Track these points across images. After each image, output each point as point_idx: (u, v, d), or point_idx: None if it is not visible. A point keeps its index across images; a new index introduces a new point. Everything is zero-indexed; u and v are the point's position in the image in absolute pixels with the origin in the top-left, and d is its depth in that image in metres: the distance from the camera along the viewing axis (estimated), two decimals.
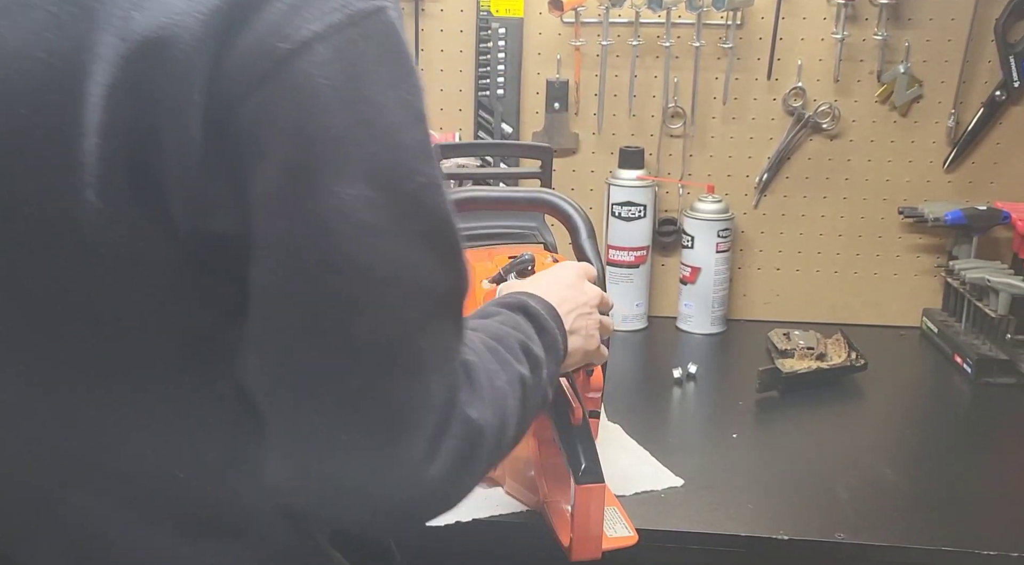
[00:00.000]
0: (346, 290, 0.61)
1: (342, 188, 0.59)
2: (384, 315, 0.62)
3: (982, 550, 1.01)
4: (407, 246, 0.62)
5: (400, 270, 0.62)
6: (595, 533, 0.96)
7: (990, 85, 1.60)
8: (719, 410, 1.38)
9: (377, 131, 0.61)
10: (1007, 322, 1.47)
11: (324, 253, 0.60)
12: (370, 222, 0.60)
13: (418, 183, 0.62)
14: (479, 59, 1.64)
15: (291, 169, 0.59)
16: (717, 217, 1.61)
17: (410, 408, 0.63)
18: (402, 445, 0.63)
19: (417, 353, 0.63)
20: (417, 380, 0.63)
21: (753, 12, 1.60)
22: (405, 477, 0.63)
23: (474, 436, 0.67)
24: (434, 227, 0.64)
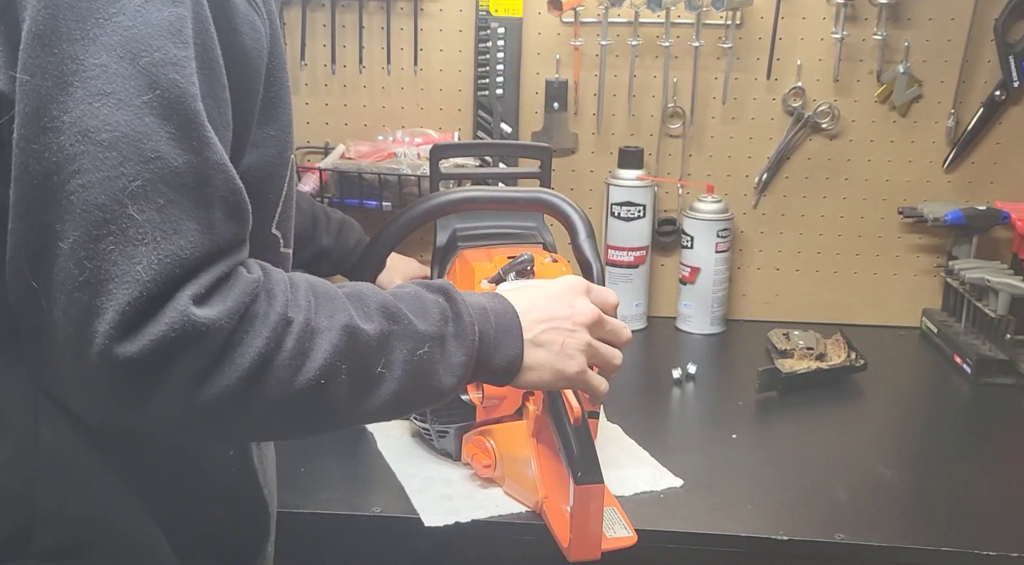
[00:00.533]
0: (69, 149, 0.64)
1: (85, 56, 0.64)
2: (99, 177, 0.64)
3: (981, 550, 1.01)
4: (133, 115, 0.64)
5: (122, 137, 0.64)
6: (594, 533, 0.96)
7: (990, 85, 1.60)
8: (718, 410, 1.38)
9: (126, 6, 0.65)
10: (1007, 322, 1.46)
11: (56, 111, 0.64)
12: (103, 89, 0.64)
13: (155, 58, 0.65)
14: (478, 59, 1.64)
15: (39, 34, 0.64)
16: (716, 217, 1.61)
17: (108, 275, 0.63)
18: (91, 310, 0.63)
19: (128, 221, 0.64)
20: (122, 250, 0.64)
21: (752, 12, 1.60)
22: (88, 343, 0.64)
23: (194, 333, 0.65)
24: (167, 102, 0.66)
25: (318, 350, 0.70)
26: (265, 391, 0.69)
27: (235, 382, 0.67)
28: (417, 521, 1.04)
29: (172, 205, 0.65)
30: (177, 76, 0.66)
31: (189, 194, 0.66)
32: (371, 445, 1.20)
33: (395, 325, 0.76)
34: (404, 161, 1.59)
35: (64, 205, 0.64)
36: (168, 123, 0.65)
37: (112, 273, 0.63)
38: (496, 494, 1.09)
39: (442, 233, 1.31)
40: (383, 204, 1.61)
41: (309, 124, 1.68)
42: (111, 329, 0.63)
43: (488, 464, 1.09)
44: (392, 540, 1.06)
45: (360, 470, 1.16)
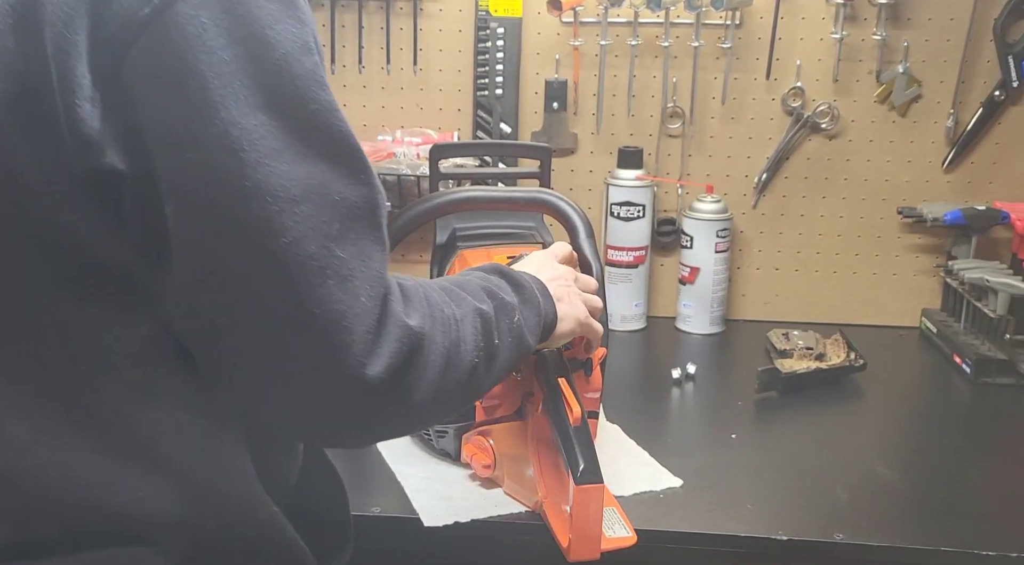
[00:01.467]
0: (261, 211, 0.65)
1: (243, 120, 0.64)
2: (303, 231, 0.66)
3: (981, 550, 1.01)
4: (311, 165, 0.67)
5: (309, 188, 0.66)
6: (594, 533, 0.96)
7: (989, 85, 1.60)
8: (718, 410, 1.38)
9: (268, 64, 0.65)
10: (1006, 322, 1.46)
11: (236, 182, 0.64)
12: (274, 147, 0.65)
13: (311, 109, 0.67)
14: (478, 59, 1.64)
15: (192, 108, 0.63)
16: (716, 217, 1.61)
17: (341, 314, 0.67)
18: (339, 348, 0.67)
19: (340, 263, 0.67)
20: (343, 288, 0.67)
21: (752, 12, 1.60)
22: (347, 378, 0.68)
23: (414, 341, 0.72)
24: (335, 146, 0.68)
25: (467, 335, 0.79)
26: (448, 380, 0.76)
27: (437, 377, 0.75)
28: (416, 521, 1.04)
29: (362, 237, 0.69)
30: (334, 120, 0.68)
31: (369, 222, 0.70)
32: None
33: (495, 301, 0.85)
34: (403, 161, 1.59)
35: (272, 264, 0.66)
36: (340, 165, 0.68)
37: (343, 312, 0.67)
38: (496, 494, 1.09)
39: (442, 233, 1.31)
40: None
41: None
42: (361, 359, 0.68)
43: (487, 464, 1.09)
44: (391, 540, 1.06)
45: (359, 470, 1.16)
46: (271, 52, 0.65)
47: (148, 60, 0.63)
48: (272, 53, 0.65)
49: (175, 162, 0.64)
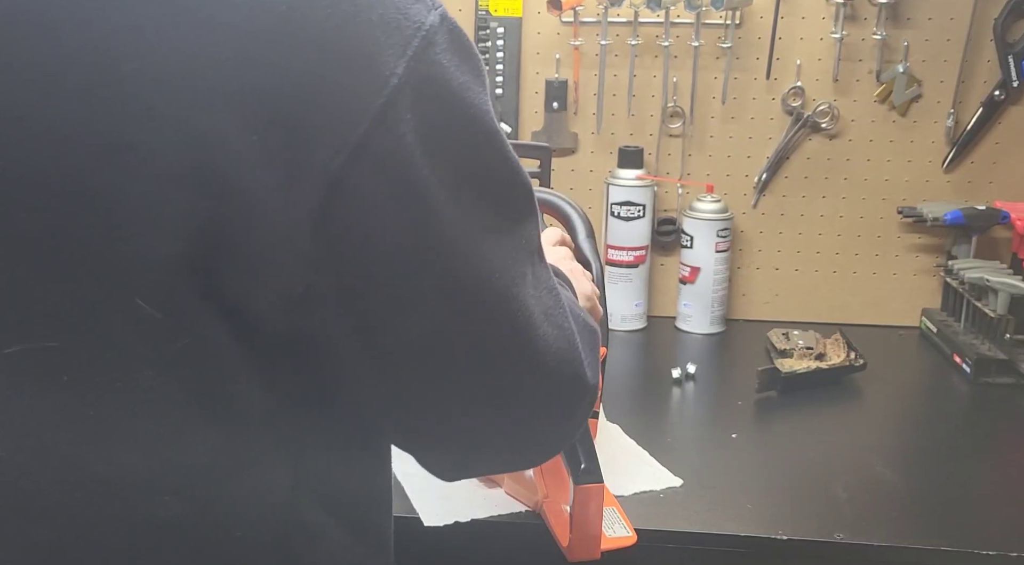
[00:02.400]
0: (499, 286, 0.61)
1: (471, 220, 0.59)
2: (518, 288, 0.63)
3: (981, 550, 1.01)
4: (512, 226, 0.63)
5: (513, 249, 0.63)
6: (594, 533, 0.96)
7: (989, 85, 1.60)
8: (718, 410, 1.38)
9: (480, 146, 0.60)
10: (1006, 322, 1.46)
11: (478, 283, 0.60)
12: (491, 223, 0.61)
13: (507, 176, 0.63)
14: None
15: (420, 224, 0.56)
16: (716, 217, 1.61)
17: (566, 343, 0.68)
18: (573, 377, 0.69)
19: (544, 300, 0.66)
20: (553, 321, 0.67)
21: (752, 12, 1.60)
22: (582, 396, 0.71)
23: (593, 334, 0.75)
24: (524, 202, 0.65)
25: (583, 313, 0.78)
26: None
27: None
28: (416, 521, 1.04)
29: (543, 266, 0.68)
30: (522, 178, 0.65)
31: (539, 244, 0.68)
32: None
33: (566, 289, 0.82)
34: None
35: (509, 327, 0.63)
36: (526, 210, 0.65)
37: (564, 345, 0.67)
38: (496, 494, 1.09)
39: None
40: None
41: None
42: (583, 371, 0.70)
43: None
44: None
45: None
46: (477, 133, 0.59)
47: (365, 184, 0.54)
48: (478, 134, 0.59)
49: (405, 282, 0.57)
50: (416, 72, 0.54)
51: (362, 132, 0.53)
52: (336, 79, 0.52)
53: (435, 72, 0.55)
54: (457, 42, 0.58)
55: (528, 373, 0.66)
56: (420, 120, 0.55)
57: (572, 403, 0.71)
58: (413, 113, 0.54)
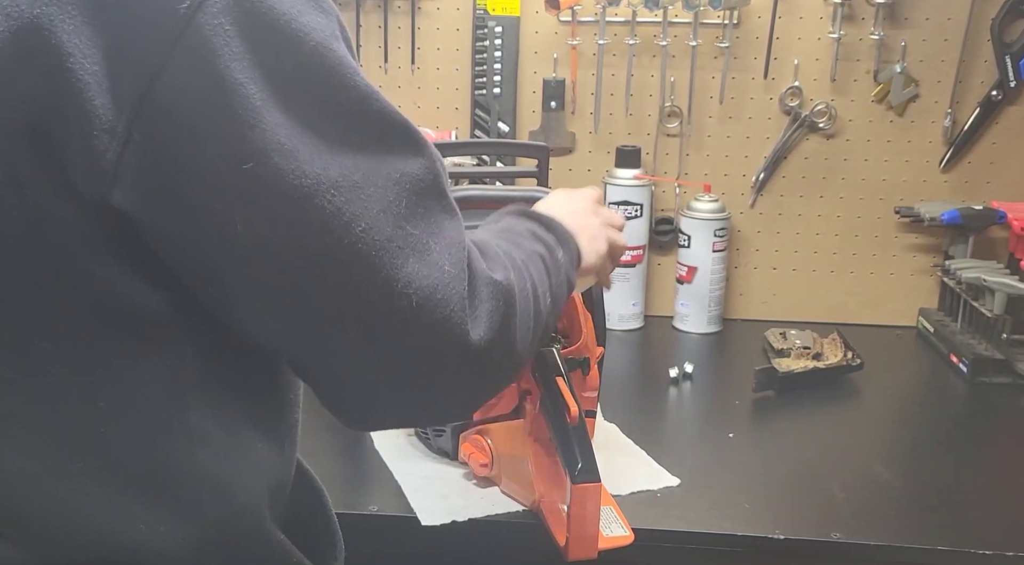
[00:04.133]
0: (332, 207, 0.63)
1: (289, 119, 0.62)
2: (374, 214, 0.65)
3: (977, 549, 1.01)
4: (365, 150, 0.65)
5: (368, 171, 0.65)
6: (591, 532, 0.96)
7: (986, 85, 1.60)
8: (715, 409, 1.38)
9: (302, 58, 0.63)
10: (1003, 322, 1.47)
11: (298, 182, 0.62)
12: (324, 140, 0.63)
13: (352, 96, 0.66)
14: (475, 58, 1.64)
15: (236, 120, 0.61)
16: (714, 216, 1.61)
17: (432, 288, 0.67)
18: (441, 322, 0.67)
19: (415, 239, 0.67)
20: (424, 262, 0.67)
21: (750, 11, 1.60)
22: (456, 348, 0.68)
23: (505, 296, 0.72)
24: (384, 126, 0.67)
25: (537, 278, 0.80)
26: (536, 324, 0.78)
27: (527, 324, 0.76)
28: (414, 520, 1.04)
29: (430, 208, 0.69)
30: (375, 101, 0.67)
31: (434, 191, 0.70)
32: (368, 444, 1.20)
33: (542, 243, 0.86)
34: None
35: (354, 256, 0.64)
36: (393, 142, 0.68)
37: (433, 285, 0.67)
38: (493, 493, 1.09)
39: None
40: None
41: None
42: (463, 327, 0.68)
43: (485, 463, 1.09)
44: (389, 539, 1.06)
45: (357, 469, 1.16)
46: (302, 46, 0.63)
47: (181, 82, 0.59)
48: (303, 46, 0.63)
49: (228, 181, 0.61)
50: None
51: (180, 29, 0.59)
52: None
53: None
54: None
55: (374, 306, 0.65)
56: (237, 25, 0.60)
57: (442, 355, 0.68)
58: (229, 18, 0.60)
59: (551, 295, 0.82)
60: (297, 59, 0.63)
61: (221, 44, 0.60)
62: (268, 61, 0.61)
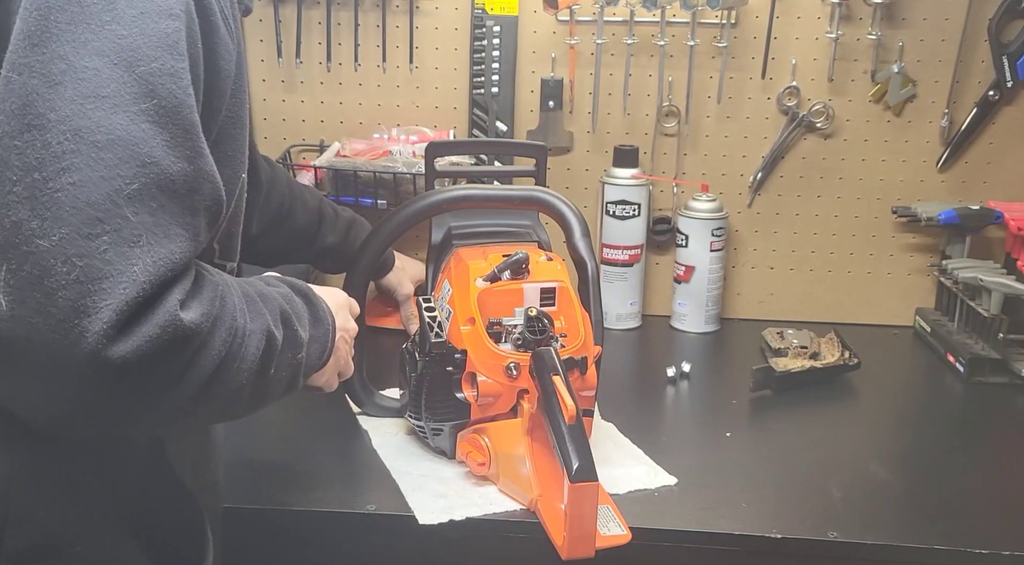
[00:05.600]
0: (56, 146, 0.63)
1: (74, 57, 0.64)
2: (93, 176, 0.64)
3: (974, 549, 1.01)
4: (130, 120, 0.66)
5: (118, 139, 0.65)
6: (589, 531, 0.96)
7: (983, 85, 1.60)
8: (713, 409, 1.38)
9: (120, 16, 0.66)
10: (1000, 321, 1.47)
11: (43, 109, 0.64)
12: (97, 92, 0.65)
13: (153, 68, 0.67)
14: (474, 57, 1.64)
15: (29, 34, 0.64)
16: (711, 216, 1.62)
17: (102, 273, 0.63)
18: (86, 308, 0.63)
19: (123, 222, 0.64)
20: (117, 250, 0.64)
21: (748, 11, 1.61)
22: (86, 346, 0.63)
23: (181, 336, 0.67)
24: (165, 111, 0.67)
25: (248, 352, 0.75)
26: (213, 389, 0.72)
27: (200, 381, 0.70)
28: (412, 519, 1.04)
29: (164, 210, 0.67)
30: (175, 86, 0.68)
31: (181, 201, 0.68)
32: (366, 443, 1.20)
33: (288, 330, 0.82)
34: (400, 159, 1.59)
35: (46, 202, 0.63)
36: (164, 131, 0.67)
37: (107, 271, 0.63)
38: (490, 492, 1.09)
39: (437, 231, 1.31)
40: (379, 202, 1.61)
41: (304, 122, 1.68)
42: (106, 328, 0.63)
43: (482, 462, 1.09)
44: (386, 538, 1.06)
45: (355, 468, 1.16)
46: (128, 8, 0.66)
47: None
48: (129, 9, 0.66)
49: (5, 76, 0.65)
50: None
51: None
52: None
53: None
54: None
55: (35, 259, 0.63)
56: None
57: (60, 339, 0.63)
58: None
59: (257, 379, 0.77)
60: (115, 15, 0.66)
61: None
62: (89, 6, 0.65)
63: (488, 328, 1.11)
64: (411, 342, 1.16)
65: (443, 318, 1.13)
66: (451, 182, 1.50)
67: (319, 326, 0.89)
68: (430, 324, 1.10)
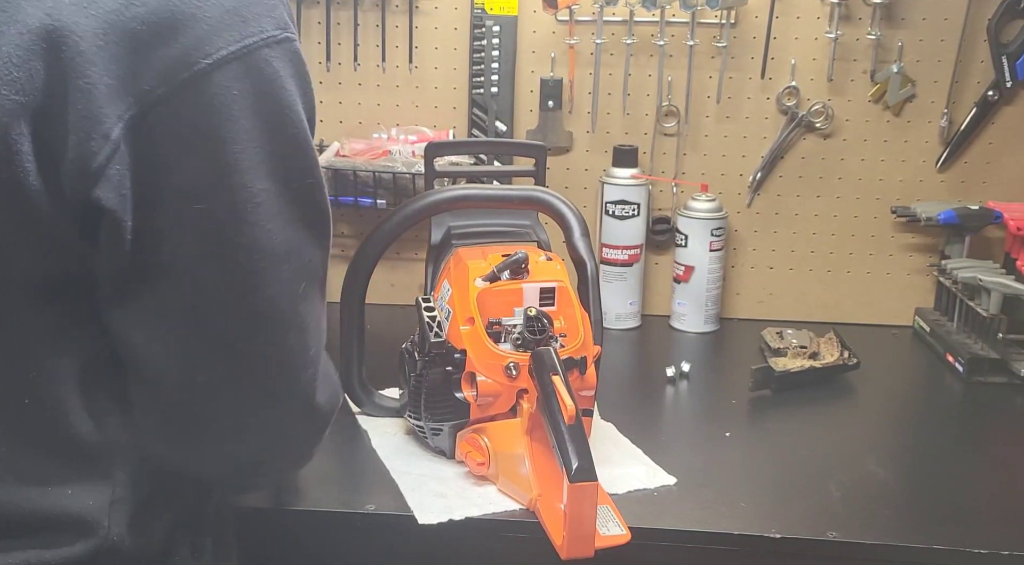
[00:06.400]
0: (251, 266, 0.74)
1: (252, 183, 0.72)
2: (280, 287, 0.76)
3: (973, 548, 1.01)
4: (296, 232, 0.76)
5: (291, 250, 0.76)
6: (588, 531, 0.96)
7: (983, 85, 1.60)
8: (712, 409, 1.38)
9: (285, 137, 0.74)
10: (999, 321, 1.47)
11: (236, 235, 0.73)
12: (272, 212, 0.74)
13: (308, 183, 0.77)
14: (473, 57, 1.64)
15: (208, 166, 0.71)
16: (711, 216, 1.62)
17: (300, 360, 0.80)
18: (296, 380, 0.80)
19: (302, 317, 0.79)
20: (299, 339, 0.79)
21: (747, 11, 1.61)
22: (302, 403, 0.82)
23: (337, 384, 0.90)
24: (316, 216, 0.78)
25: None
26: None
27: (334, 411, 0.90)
28: (411, 519, 1.04)
29: (316, 295, 0.80)
30: (320, 195, 0.78)
31: (321, 282, 0.81)
32: (365, 443, 1.20)
33: None
34: (399, 159, 1.59)
35: (250, 312, 0.75)
36: (315, 232, 0.78)
37: (300, 355, 0.79)
38: (490, 492, 1.09)
39: (437, 231, 1.31)
40: (378, 202, 1.61)
41: None
42: (311, 388, 0.81)
43: (482, 462, 1.09)
44: (386, 538, 1.06)
45: (354, 468, 1.16)
46: (287, 129, 0.74)
47: (178, 117, 0.69)
48: (287, 130, 0.74)
49: (183, 210, 0.71)
50: (259, 54, 0.71)
51: (192, 73, 0.69)
52: (195, 15, 0.69)
53: (270, 66, 0.72)
54: (296, 62, 0.75)
55: (248, 357, 0.77)
56: (243, 89, 0.70)
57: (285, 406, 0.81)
58: (239, 82, 0.70)
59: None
60: (279, 139, 0.73)
61: (223, 103, 0.70)
62: (254, 131, 0.72)
63: (487, 328, 1.11)
64: (411, 342, 1.16)
65: (442, 318, 1.13)
66: (451, 182, 1.50)
67: None
68: (429, 324, 1.10)
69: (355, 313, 1.21)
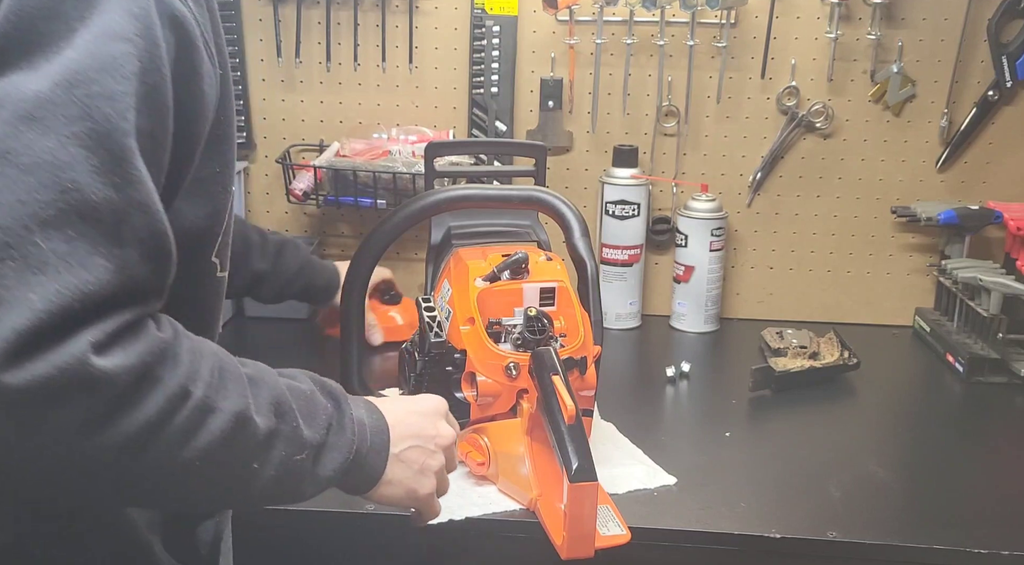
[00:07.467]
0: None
1: (26, 83, 0.63)
2: (9, 199, 0.61)
3: (973, 548, 1.01)
4: (58, 143, 0.62)
5: (43, 163, 0.62)
6: (588, 531, 0.96)
7: (983, 85, 1.60)
8: (712, 409, 1.38)
9: (76, 40, 0.64)
10: (999, 321, 1.47)
11: None
12: (33, 114, 0.62)
13: (91, 90, 0.64)
14: (473, 57, 1.64)
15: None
16: (711, 216, 1.62)
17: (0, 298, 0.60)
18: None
19: (32, 248, 0.61)
20: (18, 274, 0.60)
21: (747, 11, 1.61)
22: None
23: (84, 380, 0.61)
24: (96, 135, 0.64)
25: (206, 431, 0.68)
26: (147, 459, 0.66)
27: (120, 443, 0.64)
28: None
29: (82, 238, 0.62)
30: (111, 110, 0.64)
31: (104, 230, 0.63)
32: None
33: (283, 424, 0.75)
34: (399, 159, 1.59)
35: None
36: (93, 156, 0.63)
37: (3, 297, 0.60)
38: (490, 492, 1.09)
39: (437, 231, 1.31)
40: (378, 202, 1.61)
41: (304, 122, 1.68)
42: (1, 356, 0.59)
43: (482, 462, 1.09)
44: (386, 538, 1.06)
45: None
46: (85, 33, 0.64)
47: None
48: (85, 34, 0.64)
49: None
50: None
51: None
52: None
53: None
54: None
55: None
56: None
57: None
58: None
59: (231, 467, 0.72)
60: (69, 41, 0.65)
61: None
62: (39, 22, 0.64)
63: (488, 328, 1.11)
64: (411, 342, 1.16)
65: (443, 318, 1.13)
66: (451, 182, 1.50)
67: (343, 432, 0.80)
68: (429, 324, 1.10)
69: (355, 313, 1.21)
